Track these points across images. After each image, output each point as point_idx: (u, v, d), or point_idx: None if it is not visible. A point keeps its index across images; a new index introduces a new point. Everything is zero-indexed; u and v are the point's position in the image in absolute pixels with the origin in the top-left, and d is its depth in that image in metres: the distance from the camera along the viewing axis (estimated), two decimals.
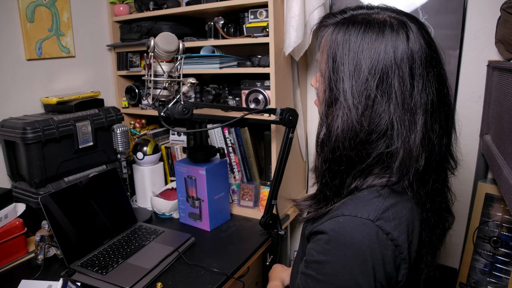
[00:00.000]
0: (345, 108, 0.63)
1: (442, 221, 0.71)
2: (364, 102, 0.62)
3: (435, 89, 0.63)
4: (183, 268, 1.18)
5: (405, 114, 0.61)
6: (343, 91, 0.64)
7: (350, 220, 0.61)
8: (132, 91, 1.84)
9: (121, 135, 1.53)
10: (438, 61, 0.65)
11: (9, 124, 1.34)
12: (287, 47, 1.41)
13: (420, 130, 0.61)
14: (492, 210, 1.36)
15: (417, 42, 0.62)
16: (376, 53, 0.62)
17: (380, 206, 0.62)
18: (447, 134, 0.66)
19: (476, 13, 1.37)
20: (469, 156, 1.47)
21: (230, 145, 1.59)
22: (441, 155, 0.65)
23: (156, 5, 1.67)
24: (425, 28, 0.65)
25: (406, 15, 0.66)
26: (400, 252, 0.61)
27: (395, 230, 0.60)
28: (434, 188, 0.66)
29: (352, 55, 0.63)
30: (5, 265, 1.20)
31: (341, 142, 0.64)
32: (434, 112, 0.63)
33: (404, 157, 0.61)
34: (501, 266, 1.33)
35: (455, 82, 1.45)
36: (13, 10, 1.44)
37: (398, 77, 0.61)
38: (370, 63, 0.62)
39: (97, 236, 1.28)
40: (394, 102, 0.61)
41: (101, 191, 1.35)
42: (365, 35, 0.63)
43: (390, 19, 0.64)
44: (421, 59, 0.62)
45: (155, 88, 1.01)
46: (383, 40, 0.62)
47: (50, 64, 1.60)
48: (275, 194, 1.32)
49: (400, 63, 0.61)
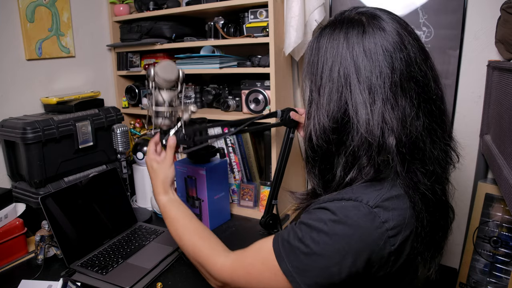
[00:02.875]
0: (316, 105, 0.69)
1: (443, 216, 0.70)
2: (328, 96, 0.66)
3: (401, 69, 0.63)
4: (183, 268, 1.18)
5: (364, 98, 0.63)
6: (312, 90, 0.69)
7: (350, 203, 0.63)
8: (132, 91, 1.84)
9: (121, 135, 1.53)
10: (407, 45, 0.64)
11: (9, 124, 1.34)
12: (287, 47, 1.41)
13: (380, 109, 0.62)
14: (492, 210, 1.36)
15: (377, 32, 0.64)
16: (335, 48, 0.66)
17: (381, 195, 0.63)
18: (430, 115, 0.65)
19: (476, 13, 1.37)
20: (469, 156, 1.47)
21: (230, 145, 1.59)
22: (422, 135, 0.63)
23: (156, 5, 1.67)
24: (395, 18, 0.67)
25: (376, 9, 0.69)
26: (391, 244, 0.61)
27: (392, 220, 0.61)
28: (432, 173, 0.65)
29: (320, 54, 0.68)
30: (5, 265, 1.20)
31: (315, 137, 0.69)
32: (401, 91, 0.63)
33: (368, 140, 0.63)
34: (501, 266, 1.33)
35: (455, 82, 1.45)
36: (13, 10, 1.44)
37: (356, 67, 0.64)
38: (332, 60, 0.66)
39: (97, 236, 1.28)
40: (355, 91, 0.64)
41: (101, 191, 1.35)
42: (331, 34, 0.68)
43: (357, 16, 0.68)
44: (382, 46, 0.63)
45: (157, 117, 1.03)
46: (342, 36, 0.66)
47: (50, 64, 1.60)
48: (275, 194, 1.32)
49: (357, 55, 0.64)
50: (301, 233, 0.65)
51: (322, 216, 0.64)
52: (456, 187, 0.75)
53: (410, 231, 0.63)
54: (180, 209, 0.93)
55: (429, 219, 0.64)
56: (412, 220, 0.63)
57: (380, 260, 0.62)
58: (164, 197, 0.96)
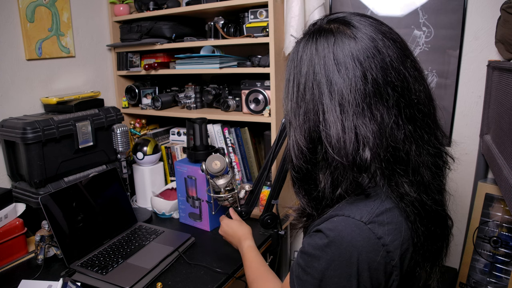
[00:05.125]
0: (293, 126, 0.67)
1: (439, 226, 0.68)
2: (303, 117, 0.64)
3: (375, 78, 0.59)
4: (183, 268, 1.18)
5: (336, 115, 0.60)
6: (288, 110, 0.68)
7: (342, 220, 0.61)
8: (132, 91, 1.84)
9: (121, 135, 1.53)
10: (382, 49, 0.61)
11: (9, 124, 1.34)
12: (287, 47, 1.41)
13: (352, 124, 0.59)
14: (492, 210, 1.36)
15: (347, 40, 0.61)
16: (308, 62, 0.64)
17: (374, 209, 0.61)
18: (413, 120, 0.61)
19: (476, 13, 1.37)
20: (469, 156, 1.47)
21: (230, 145, 1.59)
22: (405, 144, 0.60)
23: (156, 5, 1.67)
24: (369, 21, 0.63)
25: (348, 14, 0.66)
26: (391, 259, 0.59)
27: (388, 235, 0.59)
28: (419, 182, 0.62)
29: (296, 70, 0.66)
30: (5, 265, 1.20)
31: (295, 158, 0.67)
32: (377, 100, 0.59)
33: (338, 159, 0.60)
34: (501, 266, 1.33)
35: (455, 82, 1.45)
36: (13, 10, 1.44)
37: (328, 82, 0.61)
38: (305, 78, 0.64)
39: (97, 236, 1.28)
40: (327, 108, 0.61)
41: (101, 191, 1.35)
42: (304, 48, 0.65)
43: (327, 25, 0.65)
44: (352, 56, 0.60)
45: (219, 201, 1.25)
46: (313, 48, 0.63)
47: (50, 64, 1.60)
48: (276, 194, 1.32)
49: (328, 68, 0.61)
50: (304, 263, 0.64)
51: (318, 241, 0.62)
52: (456, 187, 0.74)
53: (408, 244, 0.61)
54: (258, 254, 1.01)
55: (423, 229, 0.62)
56: (409, 232, 0.62)
57: (384, 277, 0.60)
58: (249, 242, 1.05)
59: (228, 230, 1.11)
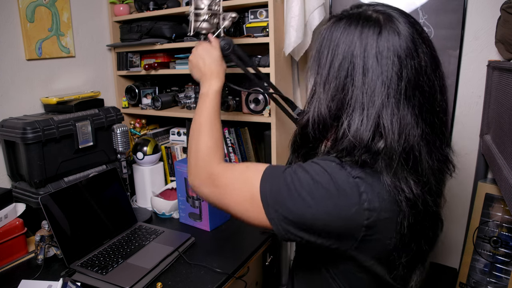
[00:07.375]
0: (318, 97, 0.69)
1: (432, 227, 0.70)
2: (332, 93, 0.66)
3: (409, 78, 0.62)
4: (183, 268, 1.18)
5: (364, 100, 0.63)
6: (317, 83, 0.69)
7: (334, 163, 0.65)
8: (132, 91, 1.84)
9: (121, 135, 1.53)
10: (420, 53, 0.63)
11: (9, 124, 1.34)
12: (287, 47, 1.41)
13: (376, 113, 0.62)
14: (492, 210, 1.36)
15: (392, 35, 0.63)
16: (348, 45, 0.65)
17: (365, 172, 0.64)
18: (431, 126, 0.64)
19: (476, 13, 1.37)
20: (469, 156, 1.47)
21: (230, 145, 1.59)
22: (419, 144, 0.63)
23: (156, 5, 1.67)
24: (412, 22, 0.66)
25: (394, 9, 0.67)
26: (367, 218, 0.61)
27: (370, 194, 0.62)
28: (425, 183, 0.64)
29: (332, 47, 0.67)
30: (5, 265, 1.20)
31: (311, 126, 0.70)
32: (405, 99, 0.63)
33: (353, 143, 0.63)
34: (501, 266, 1.33)
35: (455, 82, 1.45)
36: (13, 10, 1.44)
37: (365, 68, 0.63)
38: (342, 57, 0.65)
39: (97, 236, 1.28)
40: (357, 92, 0.64)
41: (101, 191, 1.35)
42: (346, 29, 0.66)
43: (375, 14, 0.66)
44: (395, 51, 0.62)
45: (196, 21, 1.03)
46: (357, 32, 0.65)
47: (50, 64, 1.60)
48: None
49: (368, 56, 0.63)
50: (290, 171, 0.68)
51: (309, 167, 0.66)
52: (456, 187, 0.75)
53: (388, 217, 0.63)
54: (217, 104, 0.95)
55: (413, 222, 0.64)
56: (395, 210, 0.63)
57: (351, 229, 0.62)
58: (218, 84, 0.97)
59: (200, 60, 1.00)
